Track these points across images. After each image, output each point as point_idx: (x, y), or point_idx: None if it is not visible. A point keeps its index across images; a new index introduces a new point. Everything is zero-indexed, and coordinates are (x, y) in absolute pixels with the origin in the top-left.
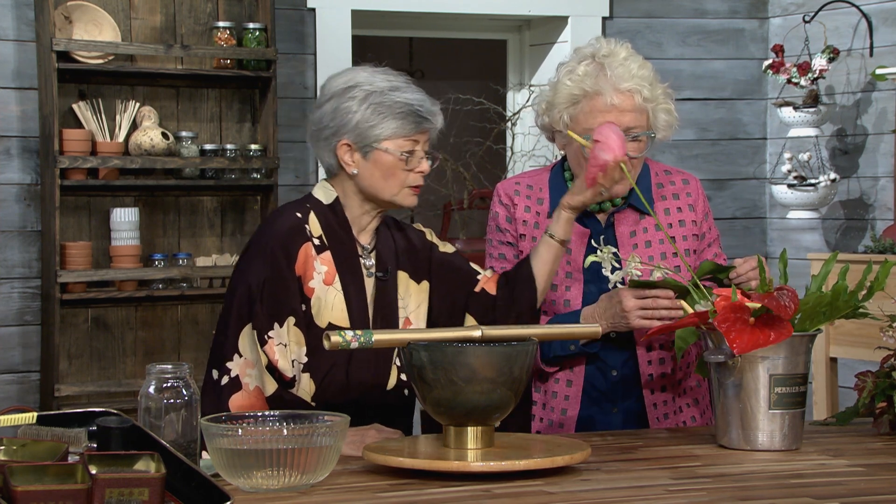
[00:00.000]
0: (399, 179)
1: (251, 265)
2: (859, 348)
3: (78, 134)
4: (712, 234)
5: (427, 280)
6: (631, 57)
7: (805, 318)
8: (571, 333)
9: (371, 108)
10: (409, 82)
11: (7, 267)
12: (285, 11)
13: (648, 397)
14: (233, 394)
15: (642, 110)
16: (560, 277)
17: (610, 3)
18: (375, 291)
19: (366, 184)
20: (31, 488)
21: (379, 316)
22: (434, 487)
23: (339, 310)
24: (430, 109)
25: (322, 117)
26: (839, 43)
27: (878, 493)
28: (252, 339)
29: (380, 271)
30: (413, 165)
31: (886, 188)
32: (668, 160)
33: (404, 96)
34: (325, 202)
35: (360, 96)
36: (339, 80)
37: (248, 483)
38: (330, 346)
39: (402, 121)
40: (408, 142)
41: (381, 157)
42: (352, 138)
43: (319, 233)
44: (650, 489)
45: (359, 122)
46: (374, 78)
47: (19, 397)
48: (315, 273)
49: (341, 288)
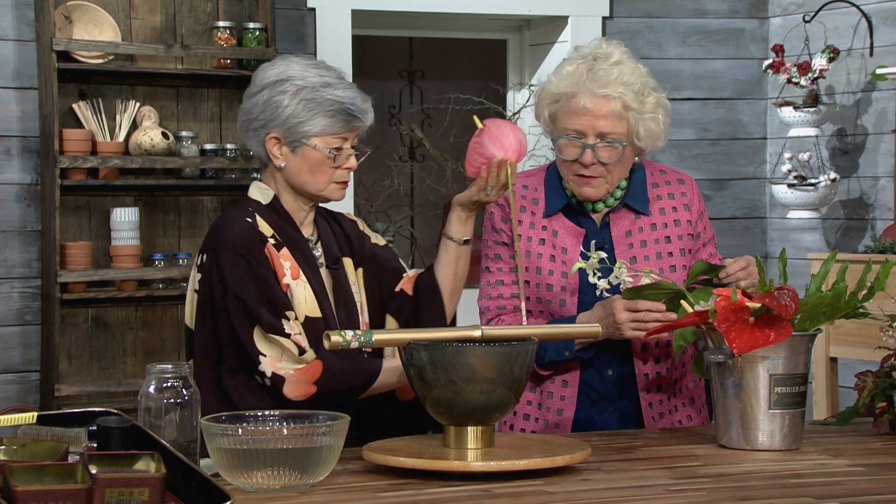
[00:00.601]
0: (326, 175)
1: (225, 275)
2: (859, 348)
3: (78, 134)
4: (707, 233)
5: (362, 268)
6: (624, 62)
7: (805, 318)
8: (571, 333)
9: (302, 104)
10: (341, 78)
11: (7, 267)
12: (285, 11)
13: (644, 397)
14: (281, 388)
15: (620, 117)
16: (556, 277)
17: (610, 3)
18: (332, 282)
19: (293, 177)
20: (31, 488)
21: (341, 305)
22: (434, 487)
23: (311, 301)
24: (360, 108)
25: (252, 108)
26: (839, 43)
27: (878, 493)
28: (264, 335)
29: (329, 261)
30: (340, 162)
31: (886, 188)
32: (669, 160)
33: (336, 93)
34: (264, 202)
35: (291, 90)
36: (272, 72)
37: (248, 483)
38: (330, 346)
39: (331, 118)
40: (337, 139)
41: (309, 152)
42: (281, 132)
43: (271, 232)
44: (650, 489)
45: (289, 117)
46: (306, 72)
47: (19, 397)
48: (284, 270)
49: (307, 280)
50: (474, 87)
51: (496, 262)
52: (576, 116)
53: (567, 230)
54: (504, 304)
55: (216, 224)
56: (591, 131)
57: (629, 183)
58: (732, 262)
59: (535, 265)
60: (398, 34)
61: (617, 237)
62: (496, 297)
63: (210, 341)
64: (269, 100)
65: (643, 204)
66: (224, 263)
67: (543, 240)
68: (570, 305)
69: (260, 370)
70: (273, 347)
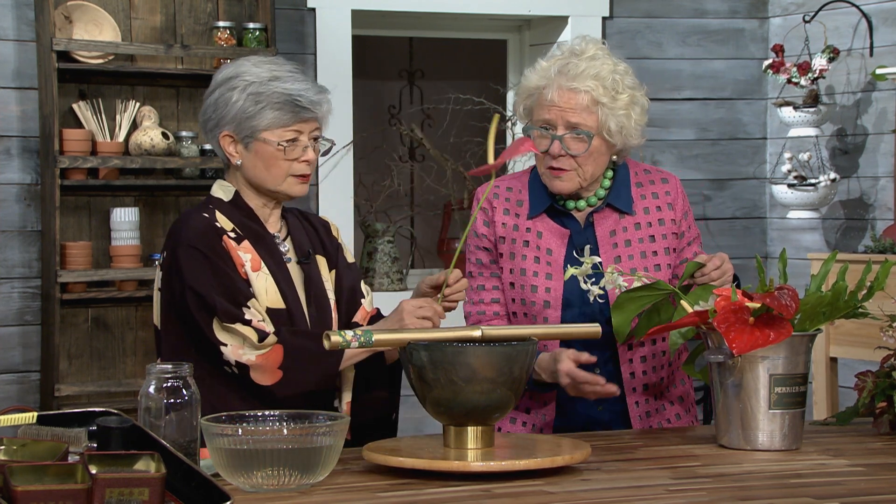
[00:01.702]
0: (282, 169)
1: (183, 270)
2: (859, 348)
3: (78, 134)
4: (692, 232)
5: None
6: (599, 58)
7: (805, 318)
8: (571, 333)
9: (250, 99)
10: (293, 72)
11: (7, 267)
12: (285, 11)
13: (630, 396)
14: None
15: (589, 110)
16: (541, 278)
17: (610, 3)
18: (303, 276)
19: (250, 174)
20: (31, 488)
21: (312, 300)
22: (434, 487)
23: (273, 293)
24: (311, 99)
25: (206, 108)
26: (839, 43)
27: (878, 493)
28: (222, 325)
29: (300, 256)
30: (295, 155)
31: (886, 188)
32: (669, 160)
33: (284, 86)
34: (226, 199)
35: (240, 87)
36: (225, 72)
37: (248, 483)
38: (330, 346)
39: (279, 111)
40: (288, 131)
41: (262, 147)
42: (232, 129)
43: (231, 226)
44: (650, 489)
45: (238, 113)
46: (257, 68)
47: (19, 397)
48: (243, 261)
49: (269, 272)
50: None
51: (478, 267)
52: (546, 109)
53: (551, 231)
54: (484, 309)
55: (175, 222)
56: (561, 122)
57: (612, 183)
58: (707, 260)
59: (520, 267)
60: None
61: (601, 237)
62: (478, 301)
63: (177, 338)
64: (219, 98)
65: (627, 203)
66: (181, 258)
67: (528, 241)
68: (555, 300)
69: (225, 360)
70: (233, 336)
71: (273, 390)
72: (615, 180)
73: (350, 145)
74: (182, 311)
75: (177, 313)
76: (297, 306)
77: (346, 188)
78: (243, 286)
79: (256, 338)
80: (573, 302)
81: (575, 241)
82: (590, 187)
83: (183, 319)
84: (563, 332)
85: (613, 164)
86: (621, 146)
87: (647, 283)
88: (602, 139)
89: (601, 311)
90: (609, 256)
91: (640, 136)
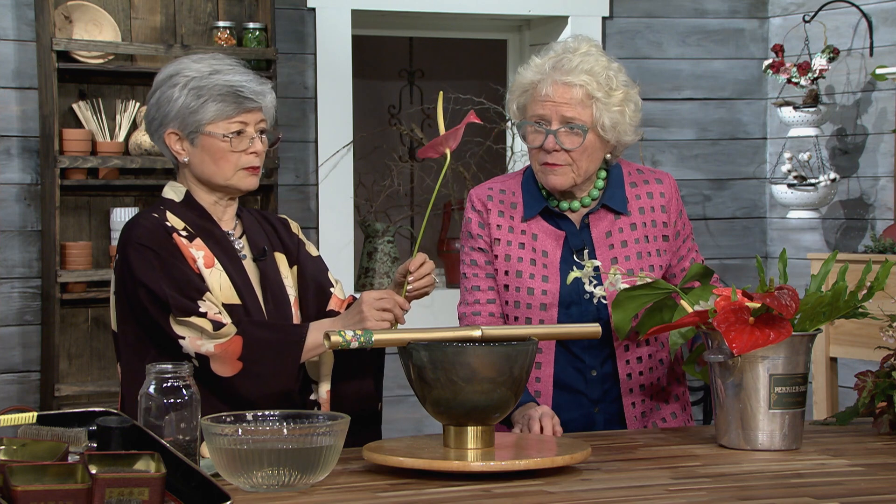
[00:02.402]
0: (230, 162)
1: (134, 269)
2: (859, 348)
3: (78, 134)
4: (686, 230)
5: (297, 266)
6: (592, 54)
7: (805, 318)
8: (571, 333)
9: (191, 94)
10: (234, 65)
11: (7, 267)
12: (285, 11)
13: (627, 397)
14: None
15: (584, 105)
16: (537, 280)
17: (610, 3)
18: (259, 273)
19: (198, 171)
20: (31, 488)
21: (269, 296)
22: (434, 487)
23: (227, 288)
24: (254, 90)
25: (149, 109)
26: (839, 43)
27: (878, 493)
28: (177, 319)
29: (256, 253)
30: (243, 147)
31: (886, 188)
32: (668, 160)
33: (225, 79)
34: (178, 200)
35: (181, 83)
36: (165, 71)
37: (248, 483)
38: (330, 346)
39: (221, 103)
40: (233, 123)
41: (207, 141)
42: (177, 126)
43: (182, 225)
44: (650, 489)
45: (180, 109)
46: (197, 64)
47: (19, 397)
48: (195, 258)
49: (223, 268)
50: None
51: (472, 267)
52: (540, 104)
53: (546, 233)
54: (479, 309)
55: (125, 224)
56: (555, 117)
57: (606, 183)
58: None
59: (516, 269)
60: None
61: (597, 238)
62: (473, 302)
63: (136, 339)
64: (161, 97)
65: (621, 204)
66: (132, 258)
67: (523, 244)
68: (552, 298)
69: (185, 353)
70: (190, 329)
71: (234, 383)
72: (608, 181)
73: (350, 145)
74: (137, 310)
75: (133, 313)
76: (253, 302)
77: (345, 188)
78: (196, 280)
79: (212, 328)
80: (569, 304)
81: (570, 243)
82: (583, 187)
83: (139, 319)
84: (563, 332)
85: (606, 163)
86: (615, 142)
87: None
88: (596, 134)
89: (598, 312)
90: (605, 257)
91: (633, 133)
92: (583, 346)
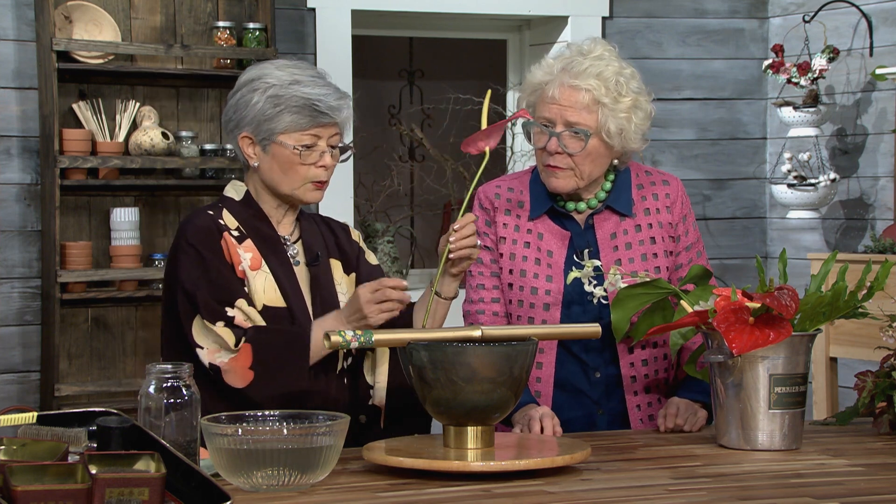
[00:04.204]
0: (299, 174)
1: (178, 268)
2: (859, 348)
3: (78, 134)
4: (690, 237)
5: (355, 273)
6: (605, 58)
7: (805, 318)
8: (571, 333)
9: (269, 101)
10: (315, 77)
11: (7, 267)
12: (285, 11)
13: (631, 398)
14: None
15: (589, 109)
16: (541, 280)
17: (610, 3)
18: (310, 278)
19: (266, 177)
20: (31, 488)
21: (318, 301)
22: (434, 487)
23: (272, 291)
24: (330, 105)
25: (228, 109)
26: (839, 43)
27: (878, 493)
28: (203, 326)
29: (309, 259)
30: (312, 160)
31: (886, 188)
32: (669, 160)
33: (304, 91)
34: (237, 199)
35: (261, 89)
36: (248, 74)
37: (248, 483)
38: (330, 346)
39: (296, 115)
40: (306, 136)
41: (278, 150)
42: (251, 131)
43: (236, 225)
44: (650, 489)
45: (256, 115)
46: (279, 72)
47: (19, 397)
48: (241, 259)
49: (270, 271)
50: (474, 87)
51: (478, 266)
52: (546, 106)
53: (552, 233)
54: (483, 308)
55: (182, 218)
56: (560, 120)
57: (613, 185)
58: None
59: (520, 268)
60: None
61: (602, 239)
62: (477, 301)
63: (171, 334)
64: (240, 99)
65: (627, 206)
66: (178, 256)
67: (528, 243)
68: (556, 299)
69: (200, 361)
70: (211, 339)
71: (247, 393)
72: (616, 183)
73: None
74: (172, 307)
75: (174, 311)
76: (300, 306)
77: (346, 188)
78: (234, 284)
79: (234, 340)
80: (573, 304)
81: (575, 244)
82: (590, 189)
83: (176, 318)
84: (563, 332)
85: (615, 168)
86: (620, 149)
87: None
88: (600, 139)
89: (600, 313)
90: (609, 259)
91: (640, 141)
92: (585, 347)
